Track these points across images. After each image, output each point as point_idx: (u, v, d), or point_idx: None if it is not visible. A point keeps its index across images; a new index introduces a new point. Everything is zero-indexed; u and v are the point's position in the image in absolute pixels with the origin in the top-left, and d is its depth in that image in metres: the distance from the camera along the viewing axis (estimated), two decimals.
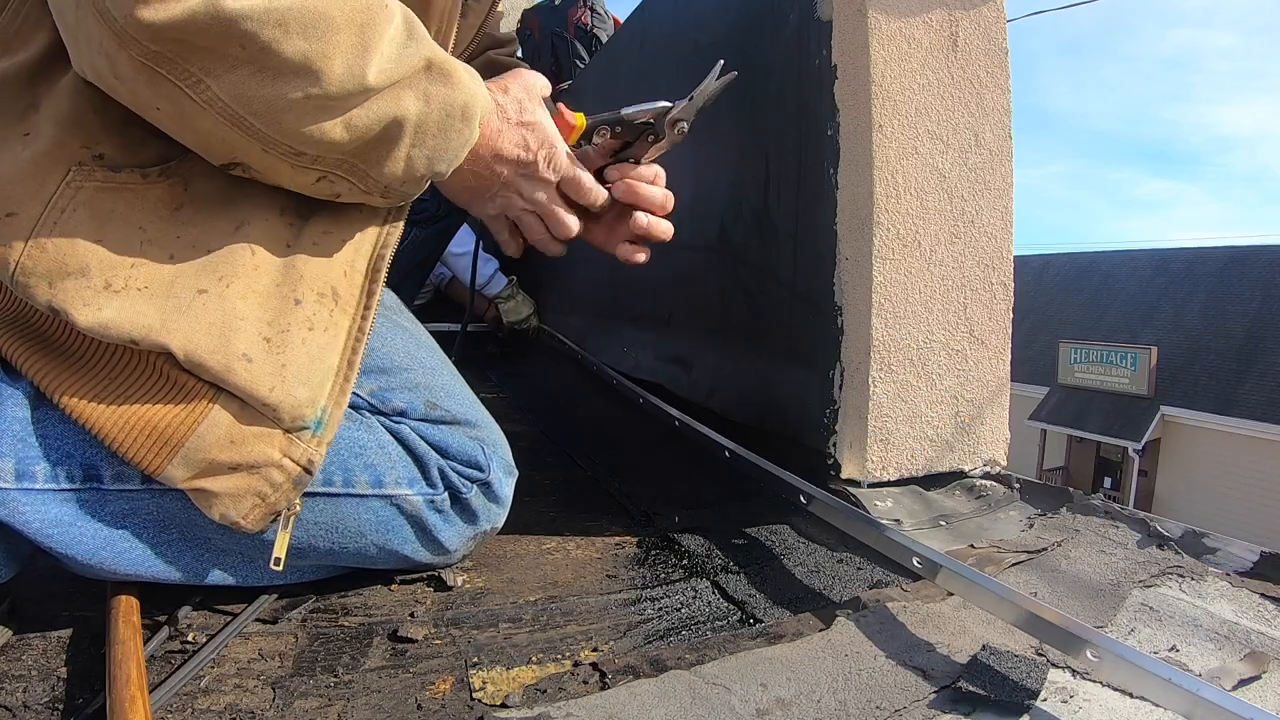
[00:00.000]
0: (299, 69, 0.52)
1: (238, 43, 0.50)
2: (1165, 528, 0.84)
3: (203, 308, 0.57)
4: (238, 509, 0.59)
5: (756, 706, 0.54)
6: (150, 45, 0.49)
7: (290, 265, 0.61)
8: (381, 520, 0.68)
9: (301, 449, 0.60)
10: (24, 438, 0.56)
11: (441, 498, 0.71)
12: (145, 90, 0.52)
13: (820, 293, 0.97)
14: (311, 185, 0.60)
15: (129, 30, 0.48)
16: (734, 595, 0.73)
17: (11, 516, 0.56)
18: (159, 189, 0.58)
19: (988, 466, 0.97)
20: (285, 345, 0.59)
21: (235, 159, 0.57)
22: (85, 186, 0.55)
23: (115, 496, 0.59)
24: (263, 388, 0.58)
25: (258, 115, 0.53)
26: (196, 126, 0.54)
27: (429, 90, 0.60)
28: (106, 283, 0.55)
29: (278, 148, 0.56)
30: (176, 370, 0.57)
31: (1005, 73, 0.93)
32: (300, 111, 0.54)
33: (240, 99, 0.52)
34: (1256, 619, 0.66)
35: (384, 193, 0.62)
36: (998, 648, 0.60)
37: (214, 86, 0.51)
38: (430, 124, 0.60)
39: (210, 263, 0.58)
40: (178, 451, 0.56)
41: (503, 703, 0.55)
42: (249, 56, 0.51)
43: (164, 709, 0.53)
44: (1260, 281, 12.51)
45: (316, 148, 0.56)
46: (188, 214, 0.59)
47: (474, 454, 0.73)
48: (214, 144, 0.56)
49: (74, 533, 0.58)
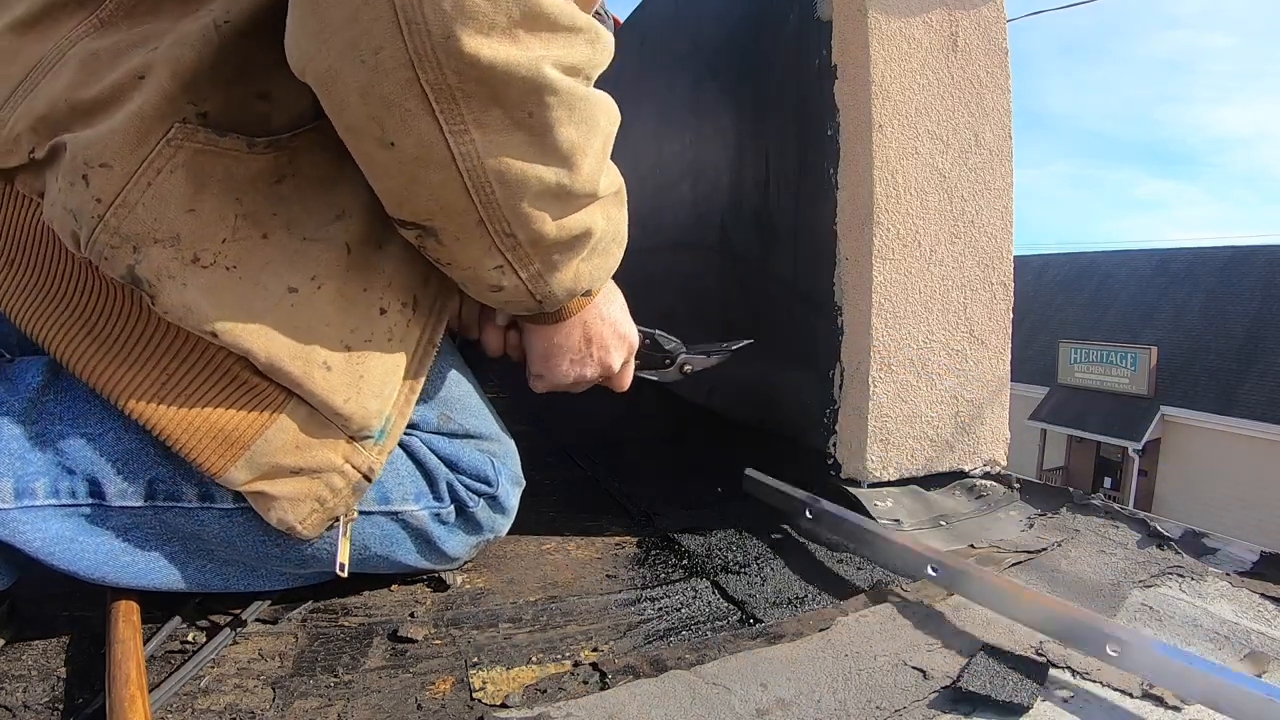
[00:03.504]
0: (563, 156, 0.52)
1: (531, 108, 0.49)
2: (1165, 528, 0.84)
3: (290, 309, 0.54)
4: (296, 513, 0.58)
5: (756, 706, 0.54)
6: (451, 76, 0.46)
7: (380, 269, 0.59)
8: (386, 534, 0.68)
9: (364, 456, 0.60)
10: (23, 455, 0.55)
11: (447, 510, 0.70)
12: (392, 119, 0.48)
13: (820, 293, 0.97)
14: (487, 271, 0.58)
15: (439, 52, 0.45)
16: (734, 595, 0.73)
17: (12, 536, 0.55)
18: (263, 160, 0.54)
19: (988, 466, 0.97)
20: (365, 356, 0.58)
21: (430, 221, 0.54)
22: (186, 146, 0.51)
23: (118, 512, 0.58)
24: (338, 398, 0.57)
25: (505, 184, 0.52)
26: (421, 176, 0.51)
27: (610, 212, 0.62)
28: (195, 256, 0.52)
29: (498, 223, 0.54)
30: (247, 371, 0.55)
31: (1005, 73, 0.93)
32: (542, 195, 0.54)
33: (497, 162, 0.50)
34: (1256, 619, 0.66)
35: (541, 296, 0.62)
36: (998, 648, 0.60)
37: (478, 141, 0.49)
38: (603, 242, 0.63)
39: (305, 252, 0.55)
40: (242, 454, 0.55)
41: (503, 703, 0.55)
42: (531, 125, 0.50)
43: (164, 709, 0.53)
44: (1260, 281, 12.51)
45: (530, 234, 0.55)
46: (288, 189, 0.55)
47: (483, 468, 0.72)
48: (420, 199, 0.53)
49: (76, 549, 0.57)
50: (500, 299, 0.62)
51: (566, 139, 0.52)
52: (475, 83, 0.46)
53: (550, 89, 0.49)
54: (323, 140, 0.55)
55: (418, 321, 0.63)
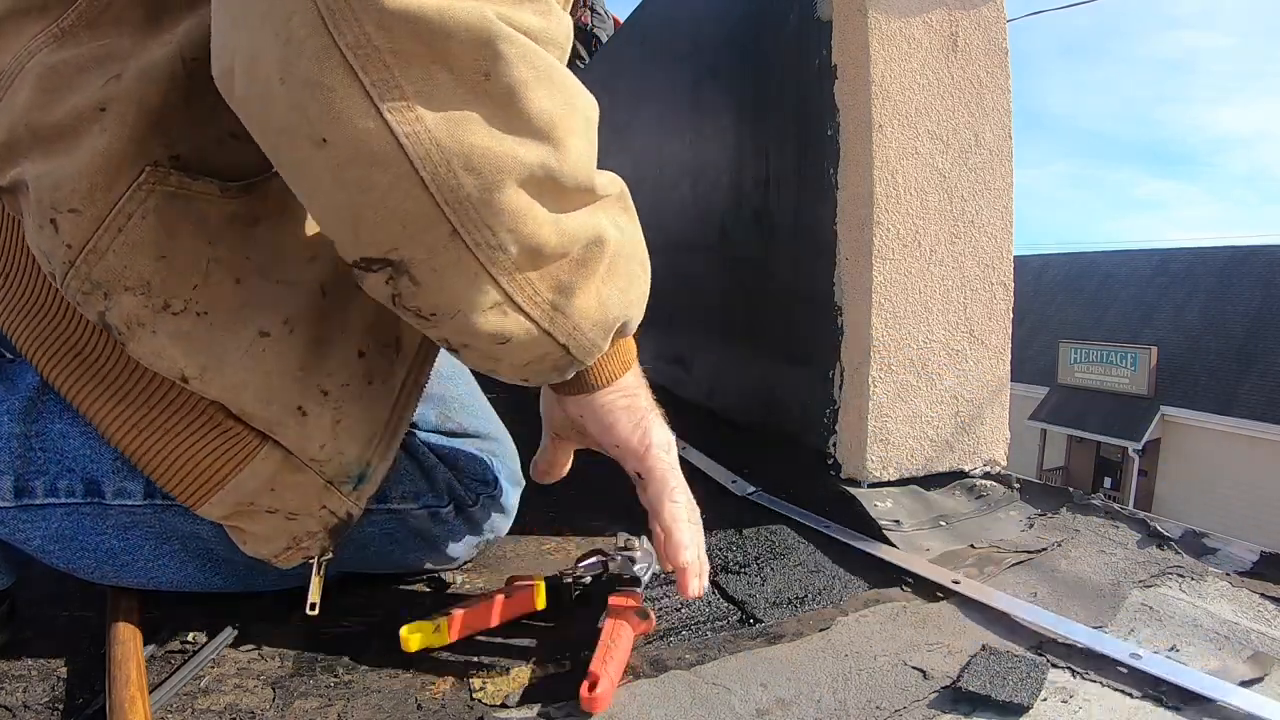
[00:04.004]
0: (540, 130, 0.42)
1: (486, 65, 0.39)
2: (1165, 528, 0.84)
3: (262, 354, 0.52)
4: (270, 549, 0.58)
5: (756, 706, 0.54)
6: (374, 32, 0.37)
7: (360, 310, 0.56)
8: (386, 533, 0.68)
9: (341, 502, 0.58)
10: (22, 454, 0.55)
11: (447, 510, 0.70)
12: (316, 103, 0.38)
13: (820, 293, 0.97)
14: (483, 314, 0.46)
15: (354, 3, 0.36)
16: (734, 595, 0.73)
17: (12, 535, 0.55)
18: (237, 203, 0.51)
19: (988, 466, 0.97)
20: (342, 399, 0.56)
21: (395, 250, 0.43)
22: (157, 190, 0.48)
23: (117, 511, 0.58)
24: (313, 445, 0.55)
25: (474, 170, 0.40)
26: (366, 180, 0.40)
27: (619, 220, 0.53)
28: (166, 303, 0.50)
29: (478, 232, 0.42)
30: (222, 414, 0.54)
31: (1005, 73, 0.93)
32: (526, 183, 0.43)
33: (456, 142, 0.39)
34: (1256, 619, 0.66)
35: (566, 338, 0.50)
36: (998, 648, 0.60)
37: (427, 118, 0.39)
38: (621, 257, 0.52)
39: (278, 296, 0.53)
40: (217, 491, 0.55)
41: (502, 703, 0.55)
42: (490, 88, 0.40)
43: (164, 709, 0.53)
44: (1260, 281, 12.51)
45: (524, 240, 0.44)
46: (263, 232, 0.52)
47: (483, 467, 0.72)
48: (372, 216, 0.41)
49: (75, 547, 0.58)
50: (513, 355, 0.50)
51: (540, 107, 0.42)
52: (408, 37, 0.37)
53: (504, 37, 0.39)
54: None
55: (401, 363, 0.60)
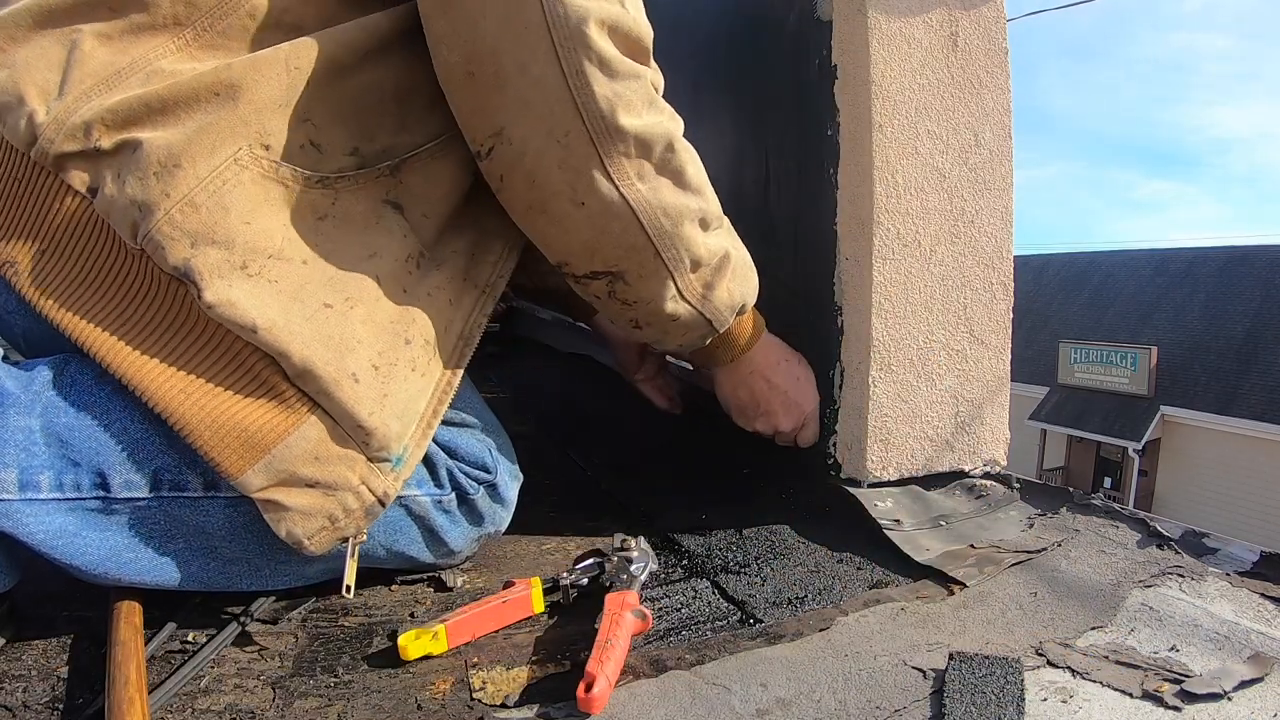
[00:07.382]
0: (696, 189, 0.71)
1: (667, 156, 0.67)
2: (1165, 528, 0.84)
3: (325, 320, 0.59)
4: (305, 528, 0.59)
5: (756, 706, 0.54)
6: (619, 145, 0.63)
7: (406, 307, 0.64)
8: (389, 521, 0.68)
9: (380, 480, 0.61)
10: (28, 447, 0.55)
11: (449, 498, 0.71)
12: (581, 183, 0.64)
13: (820, 293, 0.97)
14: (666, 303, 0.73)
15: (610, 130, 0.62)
16: (734, 595, 0.73)
17: (15, 528, 0.55)
18: (311, 195, 0.61)
19: (988, 466, 0.97)
20: (390, 377, 0.62)
21: (618, 265, 0.70)
22: (251, 168, 0.57)
23: (122, 506, 0.58)
24: (363, 410, 0.59)
25: (669, 215, 0.68)
26: (606, 226, 0.67)
27: (735, 241, 0.80)
28: (244, 263, 0.56)
29: (670, 251, 0.69)
30: (276, 376, 0.57)
31: (1005, 73, 0.93)
32: (694, 222, 0.71)
33: (660, 200, 0.67)
34: (1256, 619, 0.66)
35: (710, 314, 0.77)
36: (997, 647, 0.60)
37: (642, 189, 0.66)
38: (740, 266, 0.79)
39: (338, 279, 0.61)
40: (262, 457, 0.56)
41: (502, 703, 0.55)
42: (670, 169, 0.68)
43: (164, 709, 0.53)
44: (1260, 281, 12.51)
45: (694, 256, 0.71)
46: (328, 227, 0.61)
47: (482, 455, 0.73)
48: (608, 246, 0.68)
49: (79, 543, 0.57)
50: (679, 329, 0.77)
51: (694, 176, 0.70)
52: (632, 145, 0.64)
53: (676, 138, 0.68)
54: (359, 191, 0.63)
55: (439, 360, 0.67)
